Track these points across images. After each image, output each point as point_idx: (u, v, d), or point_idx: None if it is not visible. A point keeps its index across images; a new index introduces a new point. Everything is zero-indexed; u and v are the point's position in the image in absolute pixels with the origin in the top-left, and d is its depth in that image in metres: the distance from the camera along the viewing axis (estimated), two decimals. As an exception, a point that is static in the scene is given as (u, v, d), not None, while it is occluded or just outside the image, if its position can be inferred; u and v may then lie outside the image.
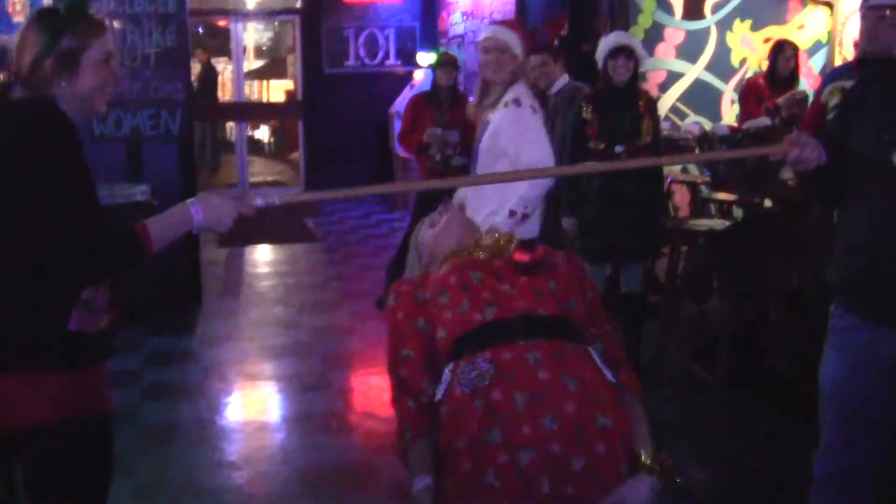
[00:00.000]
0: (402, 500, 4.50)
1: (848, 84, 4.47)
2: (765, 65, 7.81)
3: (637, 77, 5.75)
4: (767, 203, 6.59)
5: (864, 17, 4.19)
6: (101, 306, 2.64)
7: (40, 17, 2.66)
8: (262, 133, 19.27)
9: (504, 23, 4.90)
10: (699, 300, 5.85)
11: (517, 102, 4.58)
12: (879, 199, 2.93)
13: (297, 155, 15.17)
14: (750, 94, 7.45)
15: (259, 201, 2.65)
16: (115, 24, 7.54)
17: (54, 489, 2.66)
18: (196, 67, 14.77)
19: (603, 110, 5.65)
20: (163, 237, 2.51)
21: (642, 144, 5.61)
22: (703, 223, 6.45)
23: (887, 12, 3.15)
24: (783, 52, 7.40)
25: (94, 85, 2.65)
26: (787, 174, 5.21)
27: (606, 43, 5.68)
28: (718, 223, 6.41)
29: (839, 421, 3.13)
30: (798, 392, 4.98)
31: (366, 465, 4.89)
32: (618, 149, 5.54)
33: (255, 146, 17.97)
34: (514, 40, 4.66)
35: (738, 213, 7.60)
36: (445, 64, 7.76)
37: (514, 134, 4.56)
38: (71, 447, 2.64)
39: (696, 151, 6.96)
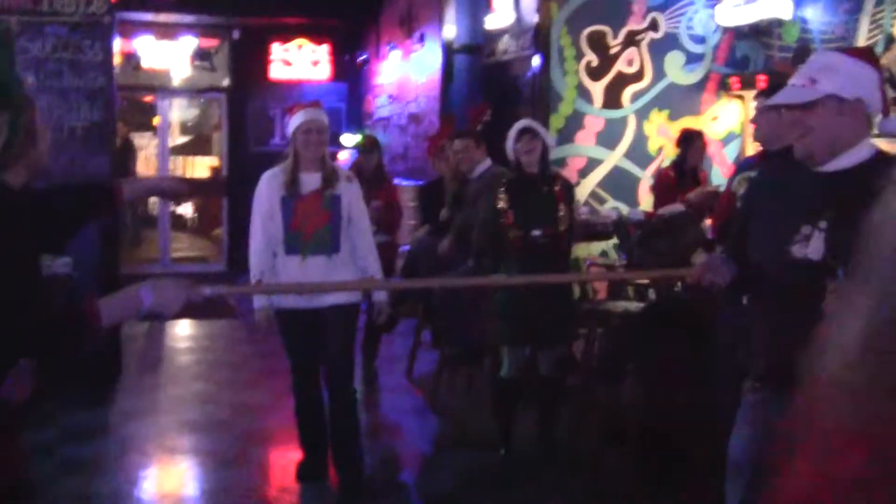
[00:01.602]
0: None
1: (754, 175, 4.69)
2: (672, 155, 8.06)
3: (547, 161, 5.90)
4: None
5: (760, 114, 4.43)
6: (28, 376, 2.68)
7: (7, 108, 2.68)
8: (185, 209, 19.21)
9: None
10: (612, 383, 5.98)
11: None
12: (780, 288, 3.10)
13: (220, 231, 15.18)
14: (661, 187, 7.69)
15: (207, 290, 2.77)
16: (44, 97, 7.57)
17: None
18: (115, 142, 14.74)
19: (518, 198, 5.78)
20: (111, 317, 2.59)
21: (560, 230, 5.75)
22: (620, 305, 6.62)
23: (783, 111, 3.36)
24: (692, 144, 7.66)
25: (45, 147, 2.76)
26: (698, 259, 5.39)
27: (512, 131, 5.84)
28: (634, 305, 6.57)
29: (747, 492, 3.24)
30: (708, 475, 5.10)
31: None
32: (535, 233, 5.67)
33: (178, 221, 17.90)
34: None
35: (653, 295, 7.79)
36: (367, 147, 7.94)
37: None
38: None
39: (613, 236, 7.16)
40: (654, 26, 9.04)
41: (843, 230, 2.93)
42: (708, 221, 6.74)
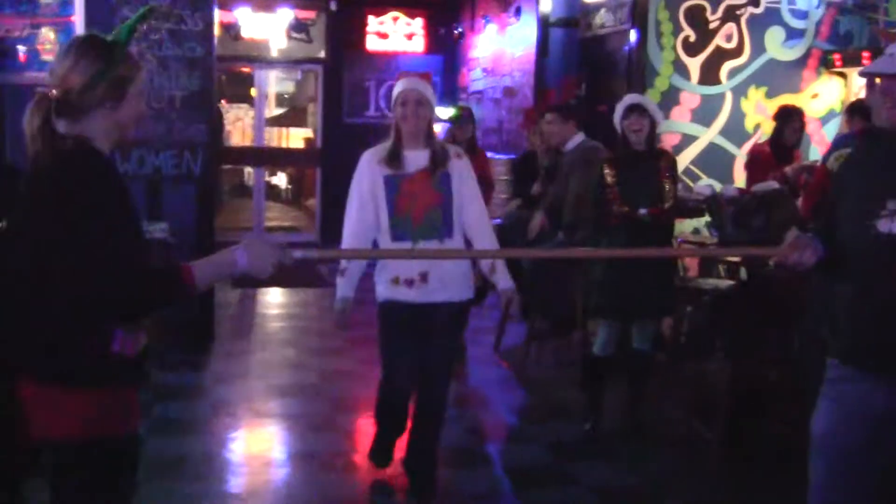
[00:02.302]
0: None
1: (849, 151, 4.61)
2: (769, 130, 7.90)
3: (654, 137, 5.86)
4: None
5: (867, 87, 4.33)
6: (138, 331, 2.75)
7: (94, 44, 2.74)
8: (280, 179, 19.48)
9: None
10: (701, 359, 5.94)
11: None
12: (865, 265, 3.05)
13: (314, 202, 15.35)
14: (756, 162, 7.56)
15: (298, 254, 2.81)
16: (145, 66, 7.72)
17: (79, 502, 2.76)
18: (213, 111, 15.01)
19: (624, 174, 5.74)
20: (206, 278, 2.65)
21: (665, 207, 5.71)
22: (710, 282, 6.55)
23: (876, 81, 3.28)
24: (790, 121, 7.50)
25: (131, 116, 2.79)
26: (790, 236, 5.30)
27: (620, 106, 5.80)
28: (724, 283, 6.50)
29: (827, 469, 3.21)
30: (794, 452, 5.05)
31: (369, 502, 4.97)
32: (642, 211, 5.64)
33: (272, 192, 18.17)
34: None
35: (744, 273, 7.69)
36: (462, 119, 7.94)
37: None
38: (97, 464, 2.74)
39: (706, 213, 7.07)
40: (754, 1, 8.88)
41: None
42: (800, 200, 6.63)
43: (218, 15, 9.05)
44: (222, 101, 16.92)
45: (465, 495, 5.15)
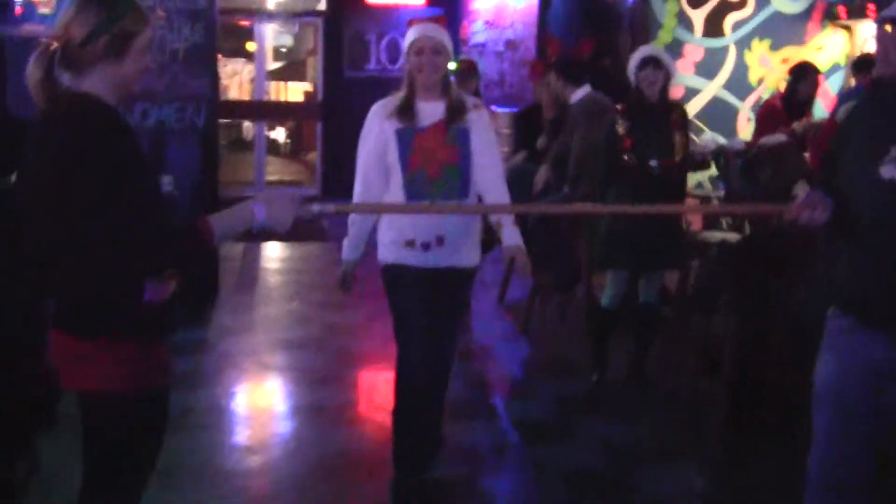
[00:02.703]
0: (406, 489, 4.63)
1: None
2: (782, 86, 7.87)
3: (668, 90, 5.84)
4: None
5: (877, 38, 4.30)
6: (165, 281, 2.75)
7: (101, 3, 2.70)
8: (279, 134, 19.43)
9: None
10: (706, 313, 5.95)
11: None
12: (867, 212, 3.04)
13: (314, 156, 15.31)
14: (767, 117, 7.54)
15: (316, 207, 2.81)
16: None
17: (108, 454, 2.81)
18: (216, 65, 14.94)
19: (636, 125, 5.72)
20: (224, 233, 2.64)
21: (675, 159, 5.71)
22: (716, 235, 6.55)
23: (888, 27, 3.25)
24: (805, 78, 7.46)
25: (135, 71, 2.75)
26: (800, 191, 5.30)
27: (635, 57, 5.78)
28: (731, 236, 6.50)
29: (830, 420, 3.22)
30: (799, 405, 5.07)
31: (375, 454, 5.00)
32: (652, 163, 5.63)
33: (272, 146, 18.11)
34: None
35: (749, 227, 7.70)
36: (464, 73, 7.88)
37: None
38: (137, 416, 2.78)
39: (712, 165, 7.07)
40: (760, -47, 8.84)
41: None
42: (808, 154, 6.62)
43: (219, -33, 8.98)
44: (218, 56, 16.82)
45: (469, 448, 5.18)
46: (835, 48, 9.03)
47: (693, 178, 8.46)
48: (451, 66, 8.75)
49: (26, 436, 4.30)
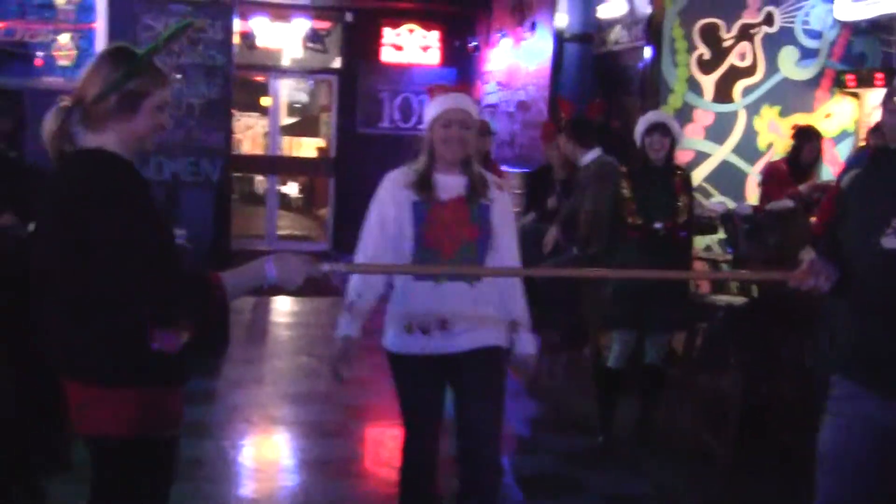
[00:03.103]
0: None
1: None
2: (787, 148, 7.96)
3: (673, 154, 5.94)
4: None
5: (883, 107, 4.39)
6: (177, 329, 2.81)
7: (114, 56, 2.82)
8: (291, 189, 19.56)
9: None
10: (714, 373, 5.99)
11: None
12: (868, 281, 3.11)
13: (326, 211, 15.43)
14: (772, 179, 7.62)
15: (326, 267, 2.90)
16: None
17: (115, 496, 2.85)
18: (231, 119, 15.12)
19: (641, 188, 5.81)
20: (236, 288, 2.74)
21: (679, 221, 5.78)
22: (723, 298, 6.61)
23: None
24: (809, 141, 7.56)
25: (147, 129, 2.83)
26: (806, 256, 5.36)
27: (643, 121, 5.88)
28: (738, 300, 6.56)
29: (833, 485, 3.26)
30: (804, 465, 5.10)
31: (382, 507, 5.04)
32: (657, 225, 5.71)
33: (284, 200, 18.25)
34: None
35: (755, 291, 7.75)
36: (482, 132, 7.99)
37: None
38: (136, 462, 2.82)
39: (720, 229, 7.13)
40: (768, 20, 8.95)
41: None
42: (813, 219, 6.69)
43: (237, 24, 9.14)
44: (233, 110, 17.01)
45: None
46: (843, 115, 9.12)
47: (702, 242, 8.53)
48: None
49: (36, 479, 4.34)
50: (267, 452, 5.99)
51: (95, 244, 2.60)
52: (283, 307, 10.30)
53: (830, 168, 8.73)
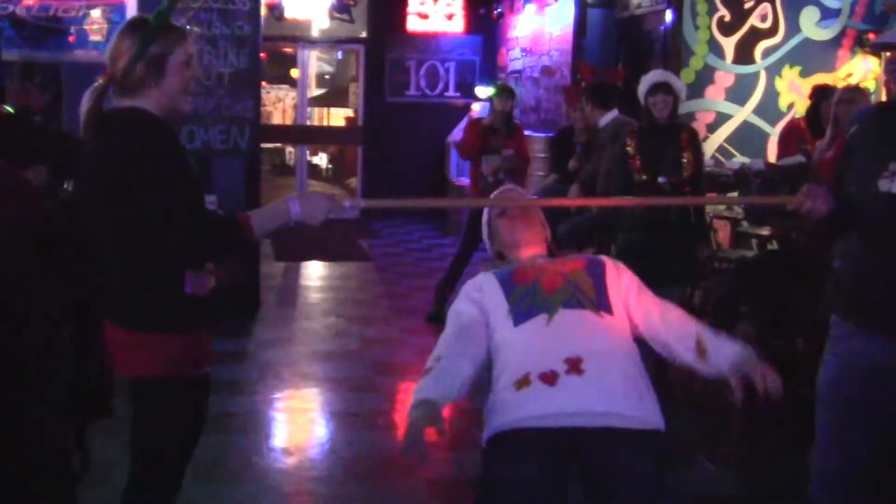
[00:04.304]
0: (439, 492, 4.85)
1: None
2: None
3: (676, 112, 6.07)
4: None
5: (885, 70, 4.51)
6: (209, 268, 3.03)
7: (132, 28, 3.01)
8: (320, 159, 19.75)
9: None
10: (726, 325, 6.12)
11: None
12: (868, 223, 3.27)
13: (355, 181, 15.62)
14: (791, 136, 7.72)
15: (347, 203, 3.06)
16: (194, 44, 8.00)
17: (153, 434, 3.09)
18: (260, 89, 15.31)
19: (646, 145, 5.96)
20: (263, 225, 2.93)
21: (684, 176, 5.91)
22: (736, 253, 6.72)
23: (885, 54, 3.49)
24: (827, 99, 7.64)
25: (178, 86, 3.03)
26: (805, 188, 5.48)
27: (645, 81, 6.02)
28: (751, 254, 6.68)
29: (833, 421, 3.42)
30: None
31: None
32: (661, 180, 5.85)
33: (314, 170, 18.44)
34: None
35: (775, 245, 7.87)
36: (503, 92, 8.22)
37: None
38: (172, 400, 3.05)
39: (736, 188, 7.25)
40: (789, -19, 9.03)
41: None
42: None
43: (264, -5, 9.31)
44: (262, 83, 17.20)
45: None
46: (865, 74, 9.19)
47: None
48: (490, 90, 9.04)
49: (82, 429, 4.58)
50: (297, 406, 6.20)
51: (132, 192, 2.81)
52: (312, 272, 10.51)
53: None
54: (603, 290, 3.07)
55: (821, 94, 7.68)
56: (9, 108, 5.09)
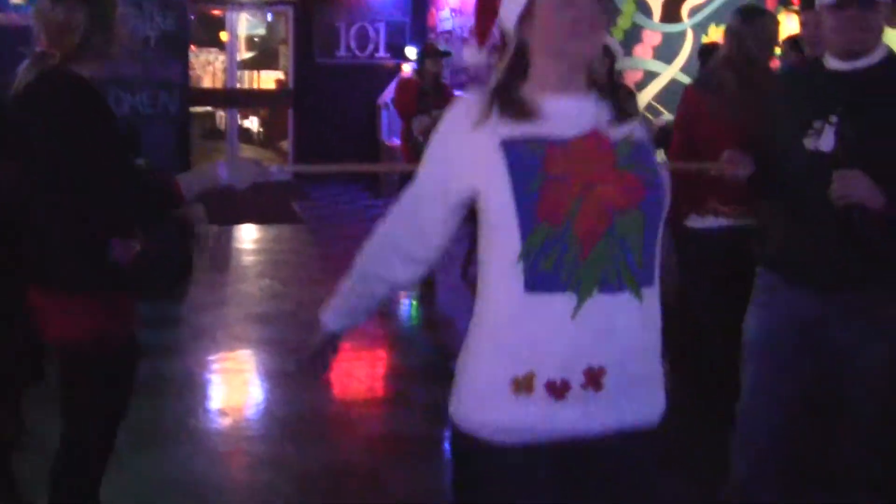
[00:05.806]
0: (376, 449, 4.93)
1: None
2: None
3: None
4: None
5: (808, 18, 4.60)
6: (131, 240, 3.04)
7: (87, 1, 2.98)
8: (252, 123, 19.59)
9: None
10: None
11: None
12: (793, 179, 3.36)
13: (286, 144, 15.55)
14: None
15: (274, 168, 3.12)
16: (120, 7, 7.91)
17: (82, 398, 3.11)
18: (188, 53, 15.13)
19: None
20: (191, 188, 2.95)
21: None
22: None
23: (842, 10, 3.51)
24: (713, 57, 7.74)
25: (118, 48, 3.07)
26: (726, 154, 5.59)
27: None
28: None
29: (755, 372, 3.52)
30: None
31: (343, 416, 5.31)
32: None
33: (245, 134, 18.29)
34: None
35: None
36: (433, 54, 8.22)
37: None
38: (101, 362, 3.07)
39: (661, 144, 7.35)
40: (715, -61, 9.12)
41: (854, 125, 3.19)
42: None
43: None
44: (191, 46, 17.00)
45: (432, 405, 5.44)
46: (788, 33, 9.32)
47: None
48: (414, 51, 9.00)
49: (16, 393, 4.56)
50: (231, 368, 6.22)
51: (63, 156, 2.82)
52: (245, 235, 10.49)
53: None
54: (652, 246, 2.13)
55: (707, 54, 7.77)
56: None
